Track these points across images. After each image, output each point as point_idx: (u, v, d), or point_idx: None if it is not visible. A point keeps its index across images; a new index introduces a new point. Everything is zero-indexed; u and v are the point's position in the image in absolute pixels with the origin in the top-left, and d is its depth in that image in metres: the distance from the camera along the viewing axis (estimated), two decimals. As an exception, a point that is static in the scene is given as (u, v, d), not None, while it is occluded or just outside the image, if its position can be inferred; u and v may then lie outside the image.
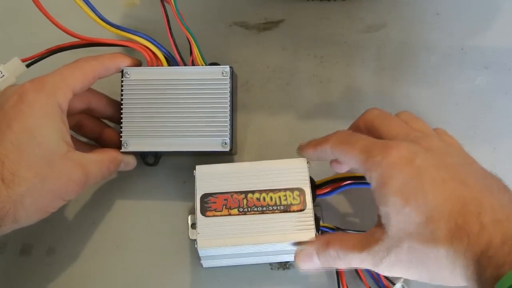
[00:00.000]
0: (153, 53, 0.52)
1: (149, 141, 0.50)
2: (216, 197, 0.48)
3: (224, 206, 0.47)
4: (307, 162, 0.49)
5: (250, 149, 0.56)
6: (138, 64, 0.52)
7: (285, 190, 0.48)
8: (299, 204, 0.48)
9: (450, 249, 0.38)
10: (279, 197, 0.48)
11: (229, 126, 0.50)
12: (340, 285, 0.48)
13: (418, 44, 0.61)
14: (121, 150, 0.50)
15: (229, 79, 0.50)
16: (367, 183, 0.47)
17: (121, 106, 0.51)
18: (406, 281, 0.48)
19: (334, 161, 0.49)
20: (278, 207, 0.47)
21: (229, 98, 0.50)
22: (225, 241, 0.46)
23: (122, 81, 0.51)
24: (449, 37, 0.61)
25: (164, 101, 0.50)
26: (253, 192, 0.48)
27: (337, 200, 0.52)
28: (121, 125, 0.50)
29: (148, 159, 0.54)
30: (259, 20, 0.63)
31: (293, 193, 0.48)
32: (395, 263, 0.40)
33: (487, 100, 0.58)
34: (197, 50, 0.53)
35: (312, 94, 0.58)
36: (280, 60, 0.60)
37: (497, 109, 0.57)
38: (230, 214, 0.47)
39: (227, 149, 0.49)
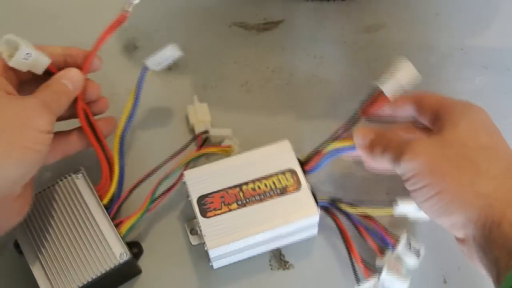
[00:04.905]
0: (111, 177, 0.50)
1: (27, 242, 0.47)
2: (212, 197, 0.48)
3: (222, 204, 0.48)
4: (290, 143, 0.50)
5: (249, 149, 0.56)
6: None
7: (276, 174, 0.49)
8: (293, 184, 0.48)
9: (503, 175, 0.41)
10: (273, 182, 0.48)
11: None
12: (351, 253, 0.49)
13: (418, 44, 0.61)
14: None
15: (115, 264, 0.46)
16: (350, 148, 0.48)
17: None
18: (410, 235, 0.49)
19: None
20: (275, 191, 0.48)
21: (96, 275, 0.46)
22: (233, 237, 0.46)
23: (66, 177, 0.49)
24: (448, 37, 0.61)
25: (65, 219, 0.48)
26: (246, 183, 0.48)
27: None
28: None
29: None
30: (258, 21, 0.63)
31: (285, 175, 0.49)
32: (428, 157, 0.42)
33: (487, 100, 0.57)
34: (133, 221, 0.49)
35: (312, 94, 0.58)
36: (280, 60, 0.60)
37: (497, 109, 0.57)
38: (230, 210, 0.47)
39: None
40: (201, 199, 0.48)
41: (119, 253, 0.47)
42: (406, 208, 0.49)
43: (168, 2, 0.64)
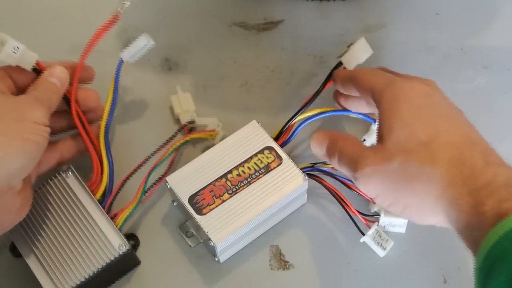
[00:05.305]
0: (102, 172, 0.50)
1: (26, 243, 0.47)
2: (202, 193, 0.48)
3: (214, 197, 0.48)
4: (258, 122, 0.51)
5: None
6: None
7: (255, 154, 0.50)
8: (274, 160, 0.49)
9: (448, 173, 0.39)
10: (255, 163, 0.49)
11: (72, 285, 0.46)
12: (346, 208, 0.50)
13: (418, 44, 0.61)
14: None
15: (115, 256, 0.46)
16: (317, 115, 0.52)
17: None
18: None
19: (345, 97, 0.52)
20: (260, 171, 0.49)
21: (97, 268, 0.46)
22: (235, 225, 0.47)
23: (56, 176, 0.50)
24: (448, 37, 0.61)
25: (60, 217, 0.48)
26: (230, 171, 0.49)
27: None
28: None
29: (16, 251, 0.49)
30: (258, 21, 0.63)
31: (264, 153, 0.50)
32: (379, 177, 0.41)
33: (487, 100, 0.57)
34: (128, 213, 0.49)
35: (311, 95, 0.58)
36: (280, 60, 0.60)
37: (497, 109, 0.57)
38: (223, 201, 0.48)
39: None
40: (192, 199, 0.48)
41: (118, 245, 0.47)
42: (373, 139, 0.51)
43: (168, 2, 0.64)
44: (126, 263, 0.49)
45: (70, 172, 0.50)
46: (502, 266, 0.34)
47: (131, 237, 0.51)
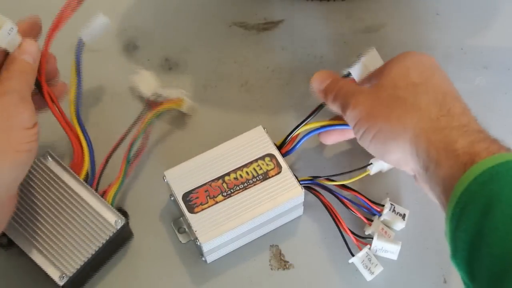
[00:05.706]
0: (83, 155, 0.50)
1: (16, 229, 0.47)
2: (197, 192, 0.48)
3: (208, 197, 0.48)
4: (264, 128, 0.51)
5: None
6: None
7: (256, 160, 0.49)
8: (274, 168, 0.49)
9: (426, 108, 0.42)
10: (254, 169, 0.49)
11: (76, 267, 0.46)
12: (339, 225, 0.50)
13: (418, 44, 0.61)
14: None
15: (113, 232, 0.47)
16: (322, 127, 0.51)
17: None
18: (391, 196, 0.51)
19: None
20: (257, 178, 0.49)
21: (98, 246, 0.47)
22: (224, 228, 0.47)
23: (36, 162, 0.49)
24: (448, 37, 0.61)
25: (50, 203, 0.48)
26: (228, 174, 0.49)
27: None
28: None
29: (2, 240, 0.48)
30: (258, 20, 0.63)
31: (264, 160, 0.49)
32: (367, 104, 0.45)
33: (487, 100, 0.57)
34: (116, 188, 0.50)
35: (312, 95, 0.58)
36: (280, 60, 0.60)
37: (497, 109, 0.57)
38: (216, 202, 0.48)
39: (61, 283, 0.46)
40: (186, 196, 0.48)
41: (114, 221, 0.47)
42: (380, 165, 0.50)
43: (168, 1, 0.64)
44: (122, 237, 0.50)
45: (48, 157, 0.49)
46: (470, 209, 0.36)
47: (121, 212, 0.50)
